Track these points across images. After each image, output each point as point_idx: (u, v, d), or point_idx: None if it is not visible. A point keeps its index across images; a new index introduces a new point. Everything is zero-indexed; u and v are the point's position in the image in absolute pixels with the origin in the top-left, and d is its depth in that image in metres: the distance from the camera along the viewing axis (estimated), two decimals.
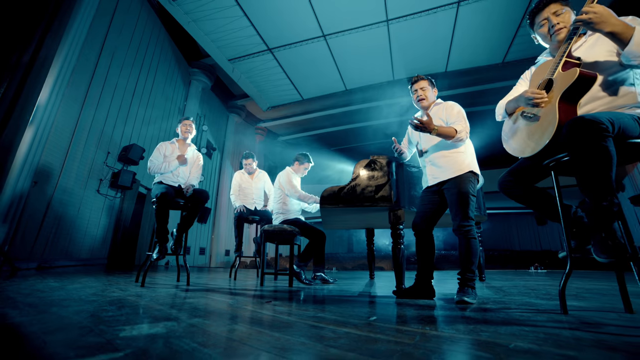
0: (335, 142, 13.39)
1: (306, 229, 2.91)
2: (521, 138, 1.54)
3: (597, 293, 2.06)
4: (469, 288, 1.70)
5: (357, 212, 2.47)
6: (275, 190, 3.13)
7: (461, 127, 1.86)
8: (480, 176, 1.92)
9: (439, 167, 1.93)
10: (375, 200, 2.14)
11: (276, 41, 7.59)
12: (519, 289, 2.41)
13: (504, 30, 6.97)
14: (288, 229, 2.71)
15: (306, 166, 3.27)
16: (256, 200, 3.69)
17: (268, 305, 1.54)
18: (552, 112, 1.37)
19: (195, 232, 9.62)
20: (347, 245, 23.65)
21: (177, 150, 2.82)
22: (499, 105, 1.73)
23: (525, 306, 1.50)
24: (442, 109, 2.02)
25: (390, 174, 2.20)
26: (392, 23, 6.79)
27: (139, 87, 6.37)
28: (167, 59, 7.87)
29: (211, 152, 10.67)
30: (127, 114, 5.85)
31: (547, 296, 1.91)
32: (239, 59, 8.30)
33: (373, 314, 1.30)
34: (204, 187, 10.17)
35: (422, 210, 2.00)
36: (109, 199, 5.27)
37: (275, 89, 9.62)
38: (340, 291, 2.31)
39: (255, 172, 3.91)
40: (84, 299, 1.50)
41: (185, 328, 0.98)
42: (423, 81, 2.10)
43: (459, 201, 1.79)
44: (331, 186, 2.28)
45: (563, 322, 1.10)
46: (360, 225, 3.51)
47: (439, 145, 1.96)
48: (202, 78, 9.72)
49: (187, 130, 2.85)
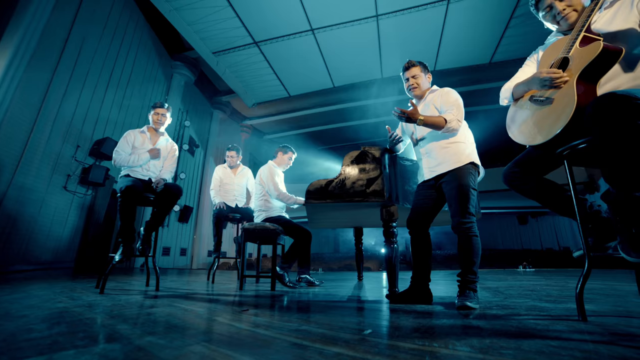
0: (323, 140, 13.21)
1: (290, 227, 2.68)
2: (530, 124, 1.38)
3: (604, 294, 1.93)
4: (470, 291, 1.53)
5: (346, 209, 2.28)
6: (257, 186, 2.89)
7: (451, 116, 1.69)
8: (481, 168, 1.76)
9: (437, 158, 1.76)
10: (366, 195, 1.95)
11: (263, 34, 7.33)
12: (516, 289, 2.28)
13: (492, 30, 6.99)
14: (270, 227, 2.48)
15: (290, 156, 3.04)
16: (238, 197, 3.44)
17: (244, 315, 1.32)
18: (568, 93, 1.21)
19: (176, 232, 9.21)
20: (333, 245, 23.50)
21: (148, 142, 2.52)
22: (505, 88, 1.57)
23: (535, 311, 1.34)
24: (438, 96, 1.85)
25: (383, 166, 2.02)
26: (382, 18, 6.66)
27: (115, 78, 5.95)
28: (146, 49, 7.45)
29: (194, 149, 10.26)
30: (100, 106, 5.44)
31: (550, 298, 1.77)
32: (224, 52, 7.97)
33: (367, 326, 1.10)
34: (186, 185, 9.77)
35: (418, 206, 1.83)
36: (79, 196, 4.85)
37: (262, 84, 9.34)
38: (327, 295, 2.10)
39: (238, 168, 3.65)
40: (12, 313, 1.23)
41: (127, 354, 0.74)
42: (415, 68, 1.92)
43: (459, 195, 1.63)
44: (318, 179, 2.07)
45: (592, 333, 0.94)
46: (349, 224, 3.32)
47: (436, 135, 1.79)
48: (185, 72, 9.31)
49: (159, 120, 2.56)
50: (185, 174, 9.38)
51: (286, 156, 3.02)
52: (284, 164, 3.02)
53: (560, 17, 1.37)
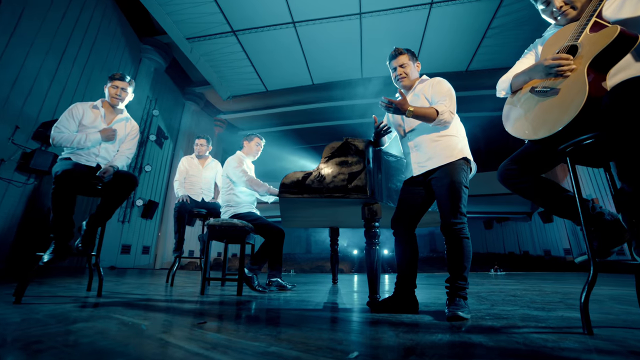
0: (301, 139, 12.96)
1: (261, 225, 2.43)
2: (531, 117, 1.26)
3: (599, 301, 1.87)
4: (460, 299, 1.38)
5: (324, 206, 2.07)
6: (224, 179, 2.60)
7: (443, 107, 1.54)
8: (473, 164, 1.63)
9: (426, 153, 1.61)
10: (347, 191, 1.76)
11: (241, 23, 6.96)
12: (498, 295, 2.20)
13: (470, 38, 7.15)
14: (239, 224, 2.22)
15: (257, 142, 2.79)
16: (204, 190, 3.12)
17: (200, 329, 1.06)
18: (578, 82, 1.09)
19: (139, 229, 8.53)
20: (305, 245, 23.26)
21: (102, 120, 2.12)
22: (503, 80, 1.45)
23: (531, 322, 1.22)
24: (429, 86, 1.71)
25: (366, 160, 1.84)
26: (366, 17, 6.58)
27: (70, 53, 5.31)
28: (111, 26, 6.80)
29: (162, 140, 9.60)
30: (49, 84, 4.80)
31: (537, 305, 1.68)
32: (199, 39, 7.49)
33: (351, 344, 0.90)
34: (152, 178, 9.10)
35: (404, 204, 1.66)
36: (16, 185, 4.22)
37: (238, 76, 8.92)
38: (300, 302, 1.89)
39: (207, 159, 3.33)
40: None
41: None
42: (402, 56, 1.77)
43: (450, 193, 1.48)
44: (294, 171, 1.85)
45: (611, 352, 0.80)
46: (326, 223, 3.12)
47: (426, 128, 1.64)
48: (156, 57, 8.67)
49: (117, 94, 2.15)
50: (151, 166, 8.72)
51: (253, 143, 2.77)
52: (252, 153, 2.76)
53: (558, 13, 1.30)
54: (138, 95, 8.16)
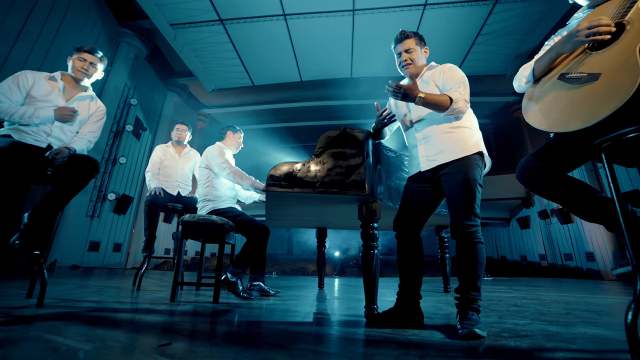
0: (286, 137, 12.68)
1: (244, 222, 2.17)
2: (562, 107, 1.09)
3: (618, 313, 1.75)
4: (474, 313, 1.20)
5: (316, 203, 1.85)
6: (202, 170, 2.33)
7: (458, 95, 1.36)
8: (488, 159, 1.46)
9: (437, 145, 1.42)
10: (345, 187, 1.55)
11: (230, 11, 6.64)
12: (498, 304, 2.05)
13: (461, 42, 7.17)
14: (218, 221, 1.95)
15: (239, 136, 2.55)
16: (181, 183, 2.81)
17: (160, 356, 0.81)
18: (627, 65, 0.93)
19: (110, 225, 7.96)
20: (287, 246, 22.86)
21: (59, 95, 1.79)
22: (524, 67, 1.28)
23: (557, 341, 1.05)
24: (439, 72, 1.53)
25: (365, 153, 1.63)
26: (358, 14, 6.43)
27: (32, 29, 4.80)
28: (84, 6, 6.29)
29: (140, 131, 9.06)
30: (3, 61, 4.30)
31: (548, 318, 1.53)
32: (184, 26, 7.10)
33: None
34: (126, 171, 8.56)
35: (409, 203, 1.47)
36: None
37: (224, 68, 8.56)
38: (285, 312, 1.65)
39: (184, 148, 3.03)
40: None
41: None
42: (409, 40, 1.57)
43: (464, 191, 1.30)
44: (284, 162, 1.62)
45: None
46: (314, 223, 2.90)
47: (436, 118, 1.45)
48: (136, 43, 8.16)
49: (84, 68, 1.82)
50: (126, 158, 8.18)
51: (236, 136, 2.52)
52: (234, 146, 2.51)
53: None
54: (115, 82, 7.63)
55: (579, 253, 8.90)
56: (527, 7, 6.25)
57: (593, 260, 8.36)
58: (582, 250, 8.78)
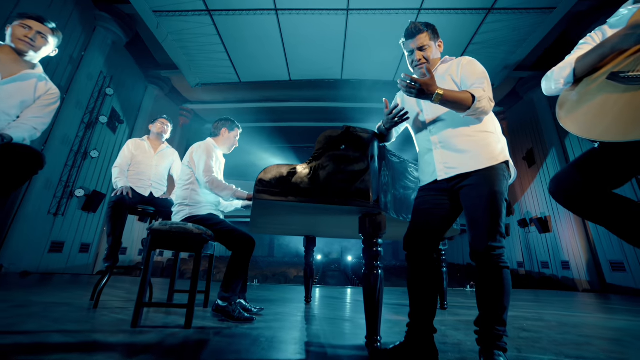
0: (273, 138, 12.33)
1: (225, 232, 1.89)
2: (615, 112, 0.91)
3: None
4: (501, 353, 1.00)
5: (312, 213, 1.61)
6: (184, 168, 2.02)
7: (482, 92, 1.16)
8: (513, 170, 1.26)
9: (458, 151, 1.22)
10: (349, 195, 1.31)
11: (218, 2, 6.31)
12: None
13: (452, 51, 7.16)
14: (194, 230, 1.66)
15: (236, 134, 2.27)
16: (154, 183, 2.48)
17: None
18: None
19: (77, 223, 7.34)
20: (268, 249, 22.32)
21: None
22: (560, 67, 1.09)
23: None
24: (456, 66, 1.31)
25: (370, 157, 1.41)
26: (353, 14, 6.28)
27: None
28: None
29: (116, 124, 8.49)
30: None
31: (569, 349, 1.36)
32: (168, 14, 6.67)
33: None
34: (101, 166, 7.97)
35: (422, 219, 1.26)
36: None
37: (209, 62, 8.17)
38: (271, 341, 1.39)
39: (161, 145, 2.70)
40: None
41: None
42: (422, 35, 1.35)
43: (490, 208, 1.10)
44: (277, 164, 1.37)
45: None
46: (303, 232, 2.66)
47: (455, 119, 1.25)
48: (114, 28, 7.62)
49: (29, 38, 1.47)
50: (98, 152, 7.59)
51: (233, 134, 2.23)
52: (228, 145, 2.22)
53: None
54: (89, 68, 7.07)
55: (555, 261, 9.13)
56: (518, 20, 6.32)
57: (568, 268, 8.59)
58: (558, 259, 9.02)
